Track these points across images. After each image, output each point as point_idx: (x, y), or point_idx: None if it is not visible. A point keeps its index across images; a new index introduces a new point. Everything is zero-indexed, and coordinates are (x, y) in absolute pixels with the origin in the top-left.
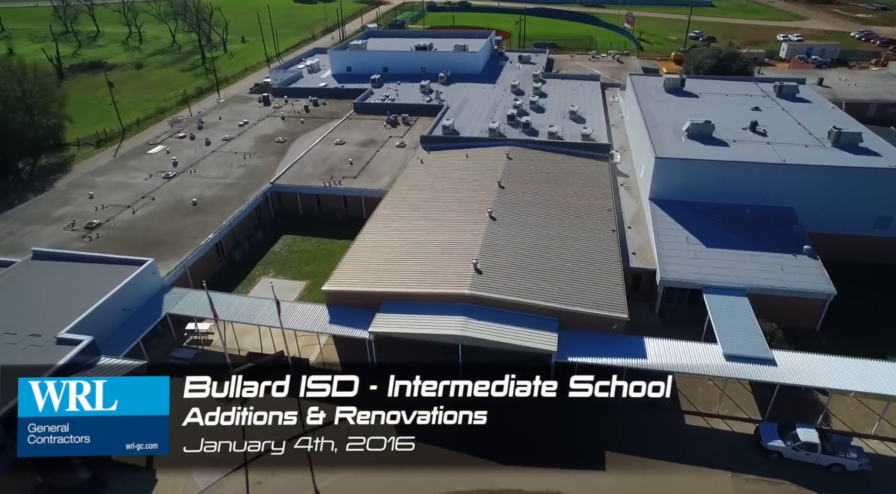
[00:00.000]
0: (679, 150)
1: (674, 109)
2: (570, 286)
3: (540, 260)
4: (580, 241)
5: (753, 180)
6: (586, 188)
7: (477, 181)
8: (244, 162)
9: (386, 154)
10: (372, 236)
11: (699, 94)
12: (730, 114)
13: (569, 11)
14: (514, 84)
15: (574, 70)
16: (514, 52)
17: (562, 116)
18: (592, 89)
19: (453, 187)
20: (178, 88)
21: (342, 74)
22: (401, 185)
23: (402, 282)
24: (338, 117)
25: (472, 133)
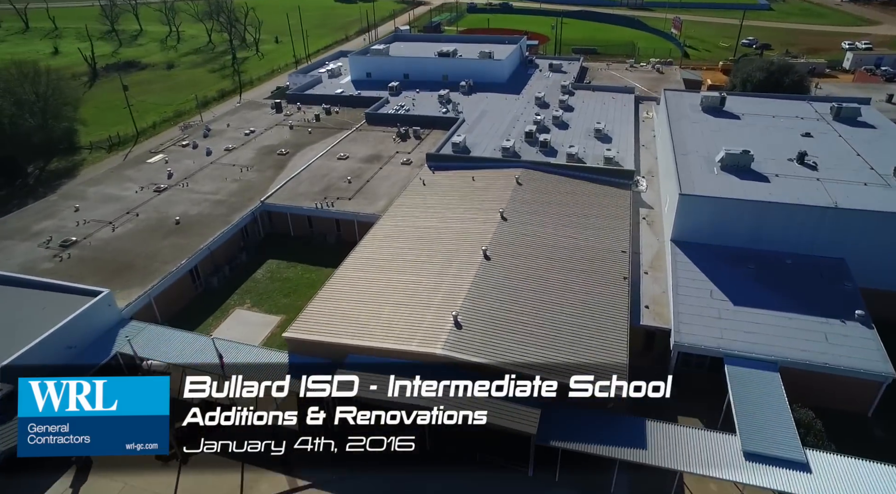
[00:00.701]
0: (708, 185)
1: (709, 133)
2: (563, 350)
3: (533, 314)
4: (584, 290)
5: (797, 225)
6: (601, 222)
7: (478, 210)
8: (239, 176)
9: (389, 172)
10: (349, 274)
11: (741, 115)
12: (775, 141)
13: (613, 15)
14: (538, 96)
15: (608, 80)
16: (546, 59)
17: (586, 134)
18: (625, 104)
19: (451, 217)
20: (202, 90)
21: (362, 80)
22: (395, 211)
23: (370, 334)
24: (348, 128)
25: (485, 151)
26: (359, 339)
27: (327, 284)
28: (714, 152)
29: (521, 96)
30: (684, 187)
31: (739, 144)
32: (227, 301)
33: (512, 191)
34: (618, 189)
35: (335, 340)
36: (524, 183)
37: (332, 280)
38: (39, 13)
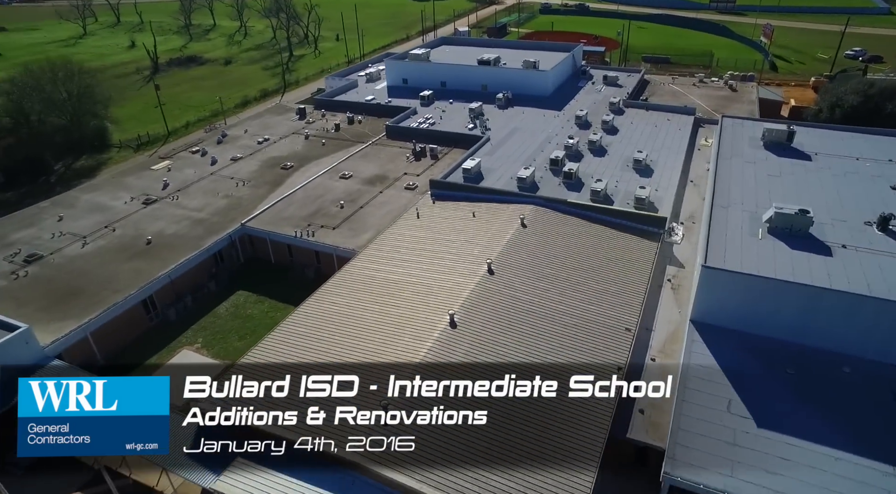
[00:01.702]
0: (745, 255)
1: (764, 179)
2: (516, 477)
3: (489, 421)
4: (561, 386)
5: (864, 322)
6: (610, 285)
7: (465, 258)
8: (232, 191)
9: (388, 198)
10: (281, 338)
11: (814, 154)
12: (852, 194)
13: (696, 20)
14: (579, 114)
15: (669, 97)
16: (602, 69)
17: (623, 165)
18: (680, 127)
19: (431, 263)
20: (249, 89)
21: (398, 87)
22: (371, 250)
23: (278, 426)
24: (364, 141)
25: (500, 179)
26: (269, 427)
27: (254, 349)
28: (764, 207)
29: (562, 114)
30: (711, 255)
31: (801, 196)
32: (178, 338)
33: (512, 234)
34: (643, 240)
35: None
36: (530, 225)
37: (260, 346)
38: (130, 8)
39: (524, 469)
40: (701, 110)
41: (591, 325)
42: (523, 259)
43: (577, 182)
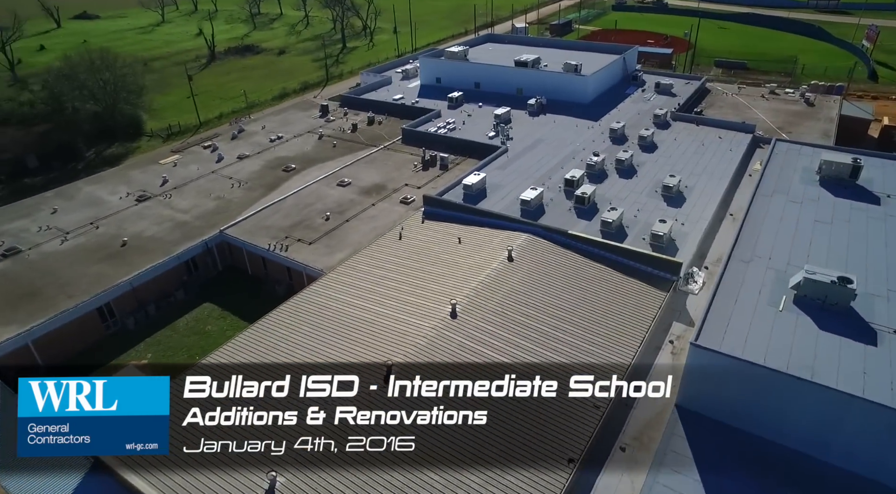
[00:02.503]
0: (753, 332)
1: (810, 226)
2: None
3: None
4: (494, 476)
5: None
6: (592, 344)
7: (432, 293)
8: (225, 193)
9: (378, 212)
10: (208, 368)
11: (885, 196)
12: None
13: (787, 20)
14: (614, 127)
15: (729, 110)
16: (658, 75)
17: (651, 191)
18: (732, 147)
19: (392, 297)
20: (294, 80)
21: (431, 86)
22: (337, 275)
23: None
24: (377, 144)
25: (506, 198)
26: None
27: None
28: (798, 265)
29: (598, 125)
30: (708, 329)
31: (852, 255)
32: (129, 351)
33: (493, 268)
34: (651, 288)
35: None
36: (518, 258)
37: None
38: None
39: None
40: (763, 128)
41: (555, 400)
42: (497, 301)
43: (591, 208)
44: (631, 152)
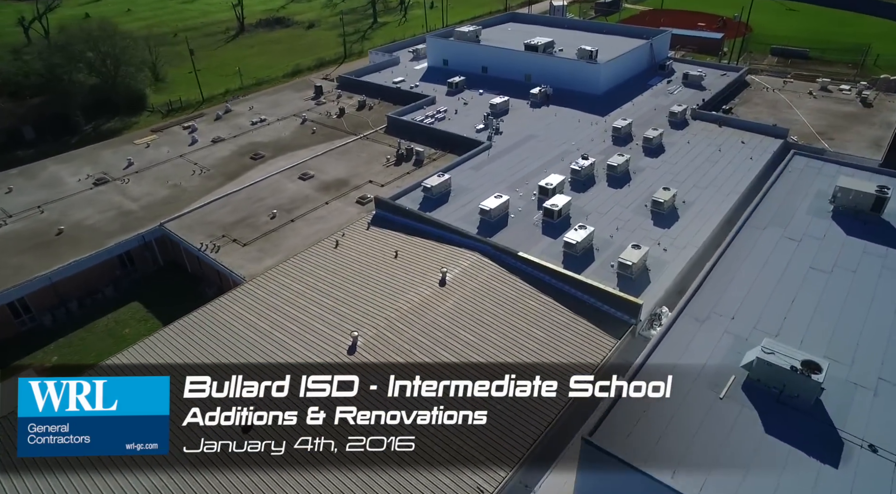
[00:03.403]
0: (670, 431)
1: (802, 275)
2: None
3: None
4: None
5: None
6: (508, 402)
7: (339, 322)
8: (183, 181)
9: (329, 212)
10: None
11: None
12: None
13: (875, 2)
14: (618, 126)
15: (766, 109)
16: (690, 65)
17: (640, 205)
18: (755, 155)
19: (293, 323)
20: (312, 56)
21: (437, 69)
22: (251, 287)
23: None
24: (358, 133)
25: (464, 208)
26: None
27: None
28: (767, 331)
29: (604, 121)
30: (611, 420)
31: (838, 321)
32: (36, 352)
33: (419, 295)
34: (601, 333)
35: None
36: (453, 283)
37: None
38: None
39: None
40: (800, 133)
41: (434, 478)
42: (407, 338)
43: (563, 223)
44: (627, 157)
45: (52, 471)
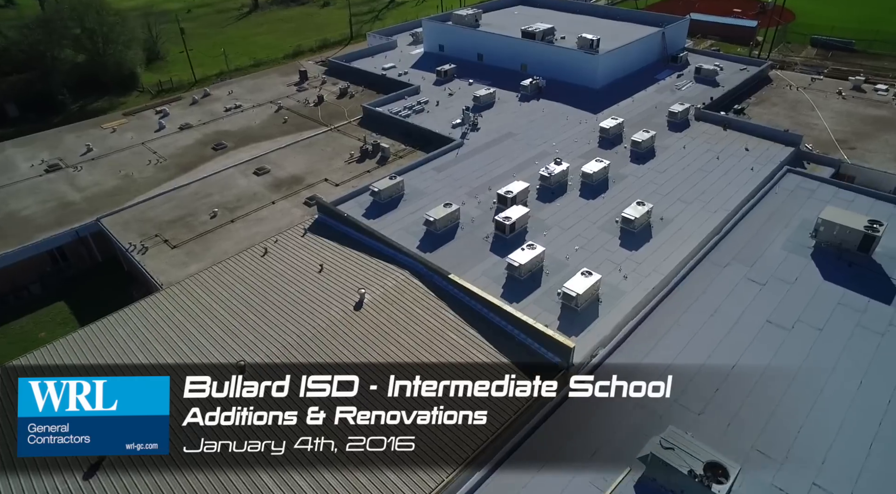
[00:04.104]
0: None
1: (751, 331)
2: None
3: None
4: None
5: None
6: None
7: (231, 347)
8: (136, 171)
9: (272, 213)
10: None
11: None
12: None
13: None
14: (606, 126)
15: (784, 110)
16: (709, 57)
17: (610, 221)
18: (757, 165)
19: (182, 346)
20: (322, 36)
21: (433, 55)
22: (160, 298)
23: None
24: (331, 124)
25: (412, 216)
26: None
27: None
28: (692, 408)
29: (595, 119)
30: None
31: (782, 398)
32: None
33: (328, 319)
34: (524, 379)
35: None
36: (371, 307)
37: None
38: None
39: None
40: (818, 140)
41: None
42: (294, 370)
43: (516, 239)
44: (606, 163)
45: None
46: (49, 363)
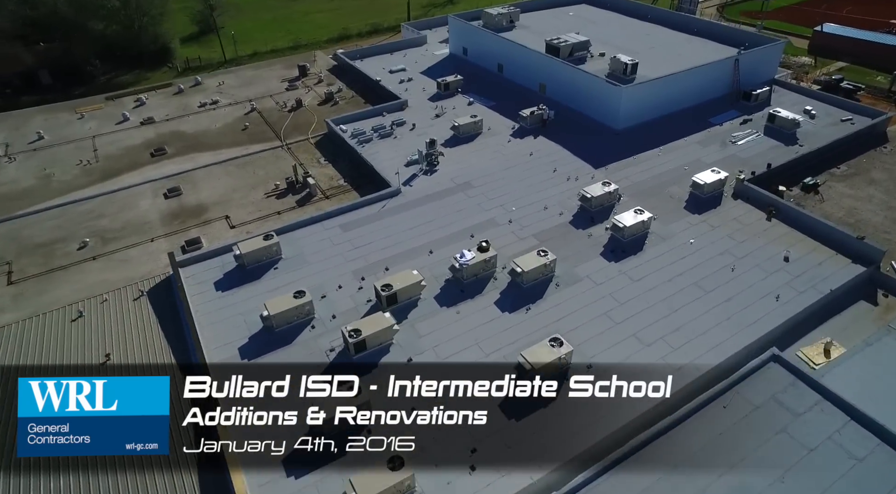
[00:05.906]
0: None
1: None
2: None
3: None
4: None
5: None
6: None
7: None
8: (60, 172)
9: (138, 255)
10: None
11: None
12: None
13: None
14: (591, 194)
15: (888, 192)
16: (808, 97)
17: (507, 355)
18: (785, 294)
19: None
20: (385, 17)
21: (456, 58)
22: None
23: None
24: (287, 138)
25: (259, 298)
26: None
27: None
28: None
29: (588, 176)
30: None
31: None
32: None
33: None
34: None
35: None
36: None
37: None
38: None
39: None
40: (870, 231)
41: None
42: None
43: (365, 362)
44: (548, 259)
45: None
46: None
